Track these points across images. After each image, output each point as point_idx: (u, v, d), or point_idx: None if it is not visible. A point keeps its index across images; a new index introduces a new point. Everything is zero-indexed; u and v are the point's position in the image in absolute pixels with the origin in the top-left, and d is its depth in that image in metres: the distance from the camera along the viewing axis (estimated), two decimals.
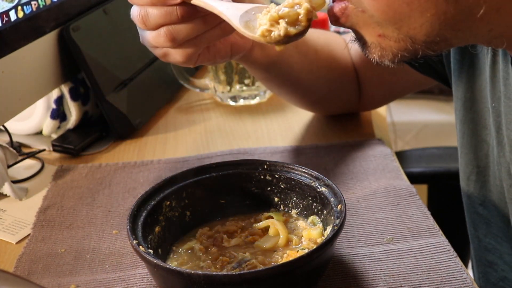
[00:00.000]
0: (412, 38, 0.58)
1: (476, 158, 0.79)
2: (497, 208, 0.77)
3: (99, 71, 0.99)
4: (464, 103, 0.79)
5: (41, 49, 0.93)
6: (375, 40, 0.61)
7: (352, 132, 0.99)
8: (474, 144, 0.79)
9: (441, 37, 0.58)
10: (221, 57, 0.77)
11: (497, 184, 0.76)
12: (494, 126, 0.73)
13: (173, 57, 0.72)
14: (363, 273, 0.69)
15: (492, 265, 0.81)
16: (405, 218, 0.77)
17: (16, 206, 0.87)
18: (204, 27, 0.70)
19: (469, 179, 0.81)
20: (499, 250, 0.79)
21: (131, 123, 1.02)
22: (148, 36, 0.70)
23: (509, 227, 0.76)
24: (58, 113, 1.01)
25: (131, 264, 0.73)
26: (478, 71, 0.76)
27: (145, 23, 0.69)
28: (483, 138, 0.77)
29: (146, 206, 0.71)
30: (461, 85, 0.79)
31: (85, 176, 0.92)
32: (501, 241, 0.79)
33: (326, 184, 0.71)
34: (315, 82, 0.94)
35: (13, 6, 0.86)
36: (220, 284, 0.60)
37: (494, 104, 0.72)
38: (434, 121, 2.63)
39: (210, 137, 1.03)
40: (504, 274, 0.79)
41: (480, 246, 0.82)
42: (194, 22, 0.69)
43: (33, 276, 0.73)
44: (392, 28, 0.59)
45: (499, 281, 0.80)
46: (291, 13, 0.62)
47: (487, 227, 0.80)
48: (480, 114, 0.77)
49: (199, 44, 0.71)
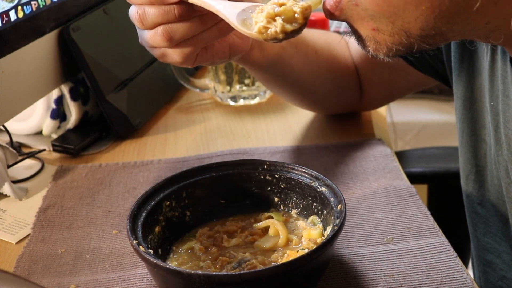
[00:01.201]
0: (406, 32, 0.58)
1: (475, 157, 0.79)
2: (495, 207, 0.78)
3: (99, 71, 0.99)
4: (463, 102, 0.79)
5: (41, 49, 0.93)
6: (369, 33, 0.60)
7: (352, 132, 0.99)
8: (473, 143, 0.79)
9: (436, 31, 0.58)
10: (219, 58, 0.77)
11: (495, 183, 0.76)
12: (492, 125, 0.73)
13: (170, 57, 0.72)
14: (363, 273, 0.69)
15: (491, 265, 0.81)
16: (405, 218, 0.77)
17: (16, 206, 0.87)
18: (201, 27, 0.69)
19: (468, 178, 0.81)
20: (498, 250, 0.79)
21: (131, 123, 1.02)
22: (146, 36, 0.70)
23: (507, 226, 0.76)
24: (58, 113, 1.01)
25: (131, 264, 0.73)
26: (478, 70, 0.76)
27: (142, 22, 0.69)
28: (482, 137, 0.77)
29: (146, 206, 0.71)
30: (460, 84, 0.79)
31: (85, 176, 0.92)
32: (500, 241, 0.79)
33: (326, 184, 0.71)
34: (316, 82, 0.94)
35: (13, 6, 0.86)
36: (220, 284, 0.60)
37: (492, 102, 0.72)
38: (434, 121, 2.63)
39: (210, 137, 1.03)
40: (503, 274, 0.79)
41: (479, 245, 0.82)
42: (191, 21, 0.69)
43: (33, 276, 0.73)
44: (386, 22, 0.58)
45: (497, 280, 0.80)
46: (287, 10, 0.62)
47: (485, 227, 0.80)
48: (479, 113, 0.77)
49: (196, 44, 0.71)
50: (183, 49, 0.71)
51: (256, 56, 0.82)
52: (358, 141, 0.95)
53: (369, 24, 0.60)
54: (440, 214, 0.87)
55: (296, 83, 0.92)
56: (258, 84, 1.11)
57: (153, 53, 0.73)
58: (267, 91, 1.13)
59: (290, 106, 1.09)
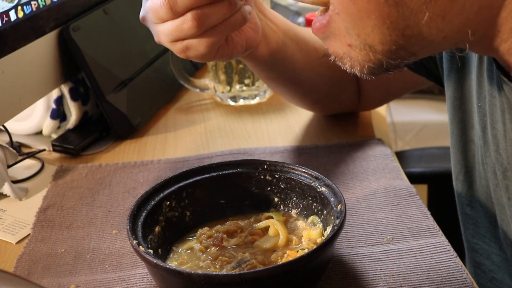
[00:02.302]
0: (371, 47, 0.58)
1: (464, 158, 0.79)
2: (484, 208, 0.77)
3: (99, 71, 0.99)
4: (453, 102, 0.79)
5: (41, 49, 0.93)
6: (346, 50, 0.61)
7: (352, 132, 1.00)
8: (463, 144, 0.79)
9: (397, 45, 0.58)
10: (237, 52, 0.76)
11: (483, 184, 0.76)
12: (480, 126, 0.73)
13: (195, 49, 0.70)
14: (363, 273, 0.69)
15: (480, 266, 0.81)
16: (405, 218, 0.77)
17: (16, 206, 0.87)
18: (229, 10, 0.69)
19: (458, 179, 0.81)
20: (487, 251, 0.79)
21: (131, 123, 1.02)
22: (170, 27, 0.68)
23: (496, 227, 0.76)
24: (58, 113, 1.01)
25: (131, 264, 0.73)
26: (467, 71, 0.76)
27: (172, 8, 0.67)
28: (471, 138, 0.77)
29: (146, 206, 0.71)
30: (450, 85, 0.79)
31: (85, 176, 0.92)
32: (489, 242, 0.78)
33: (326, 184, 0.71)
34: (317, 81, 0.94)
35: (13, 6, 0.86)
36: (220, 284, 0.60)
37: (480, 103, 0.72)
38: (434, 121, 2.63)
39: (210, 137, 1.03)
40: (493, 275, 0.79)
41: (469, 247, 0.82)
42: (221, 4, 0.68)
43: (33, 276, 0.73)
44: (354, 35, 0.59)
45: (487, 282, 0.80)
46: None
47: (474, 228, 0.80)
48: (468, 113, 0.77)
49: (223, 31, 0.70)
50: (209, 39, 0.70)
51: (262, 50, 0.82)
52: (358, 141, 0.95)
53: (346, 39, 0.60)
54: (440, 214, 0.87)
55: (298, 81, 0.92)
56: (258, 84, 1.11)
57: (175, 47, 0.71)
58: (267, 91, 1.13)
59: (290, 106, 1.09)
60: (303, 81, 0.92)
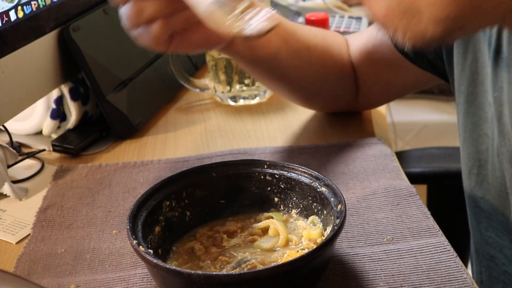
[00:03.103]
0: None
1: (477, 151, 0.79)
2: (497, 201, 0.78)
3: (99, 71, 0.99)
4: (466, 96, 0.79)
5: (41, 49, 0.93)
6: None
7: (352, 132, 0.99)
8: (476, 137, 0.79)
9: None
10: (197, 47, 0.80)
11: (497, 176, 0.76)
12: (496, 116, 0.73)
13: (142, 38, 0.75)
14: (363, 273, 0.69)
15: (493, 259, 0.81)
16: (405, 218, 0.77)
17: (16, 206, 0.87)
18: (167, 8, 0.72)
19: (471, 173, 0.81)
20: (500, 244, 0.79)
21: (131, 123, 1.02)
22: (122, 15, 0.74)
23: (509, 220, 0.76)
24: (58, 113, 1.01)
25: (131, 264, 0.73)
26: (481, 65, 0.77)
27: None
28: (484, 131, 0.78)
29: (146, 206, 0.71)
30: (464, 79, 0.80)
31: (85, 176, 0.92)
32: (501, 235, 0.79)
33: (326, 184, 0.71)
34: (307, 79, 0.93)
35: (13, 6, 0.86)
36: (220, 284, 0.60)
37: (496, 93, 0.73)
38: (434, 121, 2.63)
39: (210, 137, 1.03)
40: (505, 268, 0.79)
41: (482, 240, 0.83)
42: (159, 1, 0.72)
43: (33, 276, 0.73)
44: None
45: (500, 275, 0.80)
46: None
47: (488, 221, 0.80)
48: (482, 107, 0.78)
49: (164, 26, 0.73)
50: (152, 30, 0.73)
51: (239, 47, 0.83)
52: (358, 141, 0.95)
53: None
54: (440, 214, 0.87)
55: (285, 78, 0.92)
56: (258, 84, 1.11)
57: (131, 35, 0.75)
58: (267, 91, 1.13)
59: (290, 106, 1.09)
60: (291, 78, 0.92)
